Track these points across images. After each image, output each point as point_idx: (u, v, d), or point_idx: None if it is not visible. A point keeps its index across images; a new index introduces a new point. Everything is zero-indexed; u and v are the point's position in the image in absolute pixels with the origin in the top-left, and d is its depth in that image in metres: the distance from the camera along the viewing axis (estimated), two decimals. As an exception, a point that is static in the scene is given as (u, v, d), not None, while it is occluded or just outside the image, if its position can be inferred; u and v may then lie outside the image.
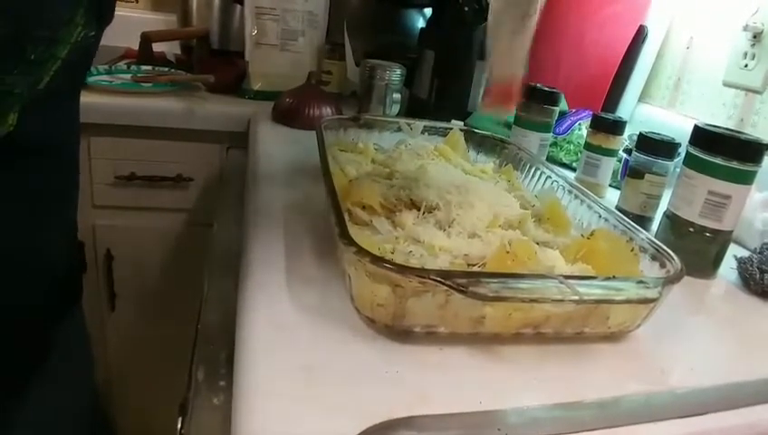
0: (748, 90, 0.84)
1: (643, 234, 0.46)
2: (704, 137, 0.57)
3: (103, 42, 0.48)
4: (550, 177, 0.61)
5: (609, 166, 0.76)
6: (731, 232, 0.58)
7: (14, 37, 0.37)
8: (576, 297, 0.36)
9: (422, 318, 0.37)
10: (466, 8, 0.93)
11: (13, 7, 0.37)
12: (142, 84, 0.98)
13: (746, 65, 0.82)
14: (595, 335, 0.41)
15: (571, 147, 0.88)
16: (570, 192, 0.57)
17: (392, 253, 0.42)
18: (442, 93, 0.97)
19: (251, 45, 1.02)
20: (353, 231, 0.38)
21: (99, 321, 1.02)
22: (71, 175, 0.53)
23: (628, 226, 0.48)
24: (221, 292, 0.50)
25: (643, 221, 0.66)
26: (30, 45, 0.39)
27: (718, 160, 0.55)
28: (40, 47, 0.40)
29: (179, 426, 0.39)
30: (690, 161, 0.58)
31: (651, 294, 0.38)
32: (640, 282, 0.39)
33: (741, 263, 0.58)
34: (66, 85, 0.46)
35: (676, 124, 0.91)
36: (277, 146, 0.78)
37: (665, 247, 0.44)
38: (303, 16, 1.04)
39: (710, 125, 0.58)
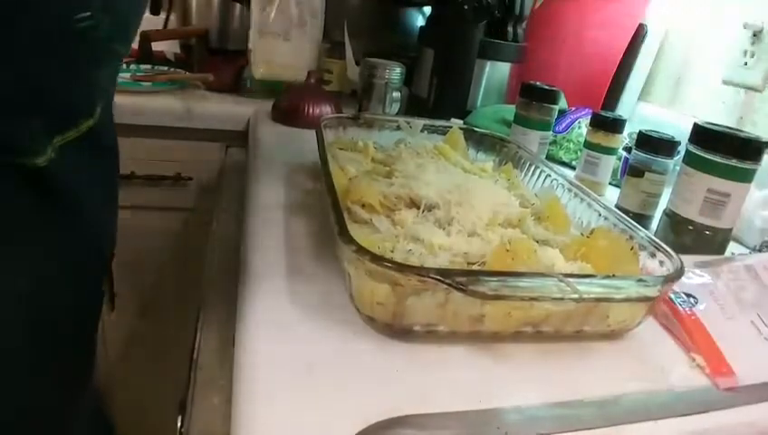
0: (748, 88, 0.84)
1: (643, 232, 0.46)
2: (703, 135, 0.57)
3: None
4: (549, 175, 0.61)
5: (609, 164, 0.76)
6: (730, 230, 0.58)
7: (117, 36, 0.40)
8: (576, 296, 0.36)
9: (422, 317, 0.37)
10: (466, 6, 0.93)
11: (121, 6, 0.39)
12: (141, 83, 0.98)
13: (746, 63, 0.82)
14: (595, 334, 0.41)
15: (571, 145, 0.88)
16: (569, 190, 0.57)
17: (392, 251, 0.42)
18: (442, 92, 0.97)
19: (255, 34, 1.02)
20: (353, 230, 0.38)
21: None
22: (118, 166, 0.54)
23: (628, 224, 0.48)
24: (221, 291, 0.50)
25: (643, 219, 0.66)
26: (116, 42, 0.41)
27: (718, 158, 0.55)
28: (124, 43, 0.42)
29: (179, 425, 0.39)
30: (690, 159, 0.58)
31: (651, 292, 0.38)
32: (640, 280, 0.39)
33: (741, 261, 0.58)
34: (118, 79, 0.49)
35: (676, 122, 0.91)
36: (277, 145, 0.78)
37: (664, 246, 0.44)
38: (303, 7, 1.05)
39: (710, 123, 0.58)
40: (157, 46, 1.15)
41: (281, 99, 0.91)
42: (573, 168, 0.83)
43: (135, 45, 1.11)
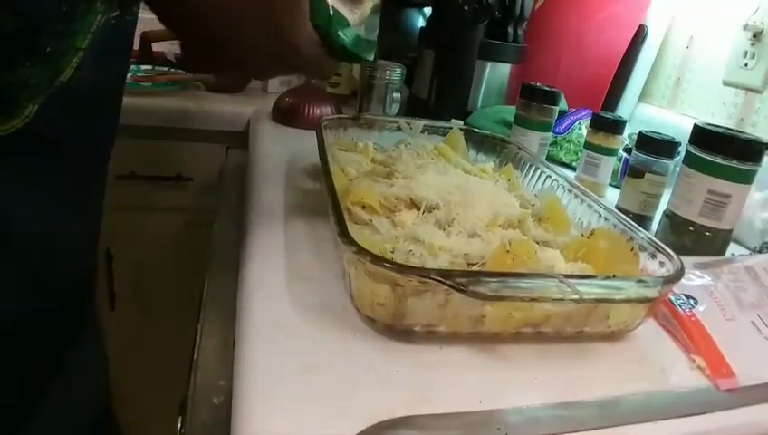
0: (748, 89, 0.84)
1: (643, 233, 0.46)
2: (703, 136, 0.57)
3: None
4: (550, 176, 0.61)
5: (609, 165, 0.76)
6: (730, 231, 0.58)
7: (24, 31, 0.37)
8: (576, 296, 0.36)
9: (422, 317, 0.37)
10: (466, 7, 0.93)
11: (21, 2, 0.36)
12: (142, 84, 0.98)
13: (746, 64, 0.82)
14: (595, 335, 0.41)
15: (571, 146, 0.88)
16: (570, 191, 0.57)
17: (392, 252, 0.42)
18: (442, 93, 0.97)
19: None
20: (353, 230, 0.38)
21: (101, 320, 1.02)
22: (96, 176, 0.51)
23: (628, 225, 0.48)
24: (221, 292, 0.50)
25: (643, 220, 0.66)
26: (44, 38, 0.38)
27: (718, 160, 0.55)
28: (55, 39, 0.39)
29: (179, 426, 0.39)
30: (690, 160, 0.58)
31: (651, 293, 0.38)
32: (640, 281, 0.39)
33: (741, 262, 0.58)
34: (97, 77, 0.44)
35: (676, 123, 0.91)
36: (277, 146, 0.78)
37: (665, 247, 0.44)
38: None
39: (710, 124, 0.58)
40: (157, 47, 1.15)
41: (280, 99, 0.91)
42: (574, 169, 0.83)
43: (135, 46, 1.11)
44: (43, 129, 0.40)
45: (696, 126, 0.58)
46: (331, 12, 0.39)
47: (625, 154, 0.79)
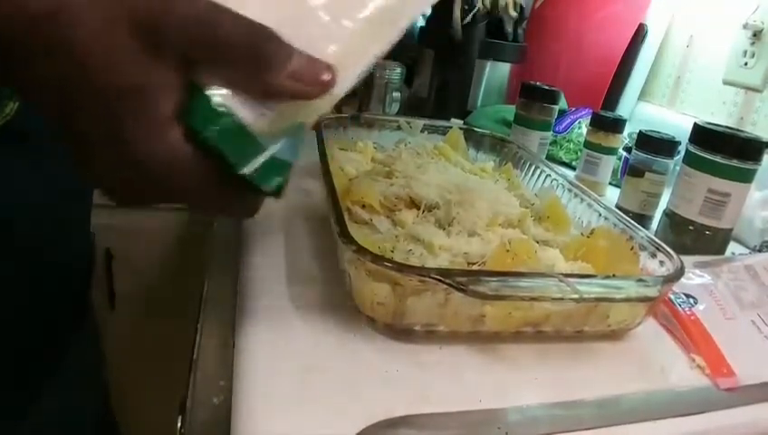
0: (748, 88, 0.84)
1: (643, 232, 0.46)
2: (703, 135, 0.57)
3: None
4: (549, 175, 0.61)
5: (609, 164, 0.76)
6: (731, 230, 0.58)
7: None
8: (576, 296, 0.36)
9: (422, 317, 0.37)
10: (466, 7, 0.93)
11: None
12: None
13: (746, 63, 0.82)
14: (595, 334, 0.41)
15: (571, 145, 0.88)
16: (569, 191, 0.57)
17: (392, 251, 0.42)
18: (442, 92, 0.97)
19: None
20: (353, 230, 0.38)
21: (98, 320, 1.02)
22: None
23: (628, 224, 0.48)
24: (221, 292, 0.50)
25: (643, 219, 0.66)
26: None
27: (718, 159, 0.55)
28: None
29: (179, 426, 0.39)
30: (690, 160, 0.58)
31: (651, 292, 0.38)
32: (640, 280, 0.39)
33: (741, 261, 0.57)
34: None
35: (676, 122, 0.91)
36: (277, 145, 0.78)
37: (665, 246, 0.44)
38: None
39: (710, 123, 0.58)
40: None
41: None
42: (573, 168, 0.83)
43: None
44: (26, 125, 0.41)
45: (695, 125, 0.58)
46: (218, 109, 0.25)
47: (625, 153, 0.79)
